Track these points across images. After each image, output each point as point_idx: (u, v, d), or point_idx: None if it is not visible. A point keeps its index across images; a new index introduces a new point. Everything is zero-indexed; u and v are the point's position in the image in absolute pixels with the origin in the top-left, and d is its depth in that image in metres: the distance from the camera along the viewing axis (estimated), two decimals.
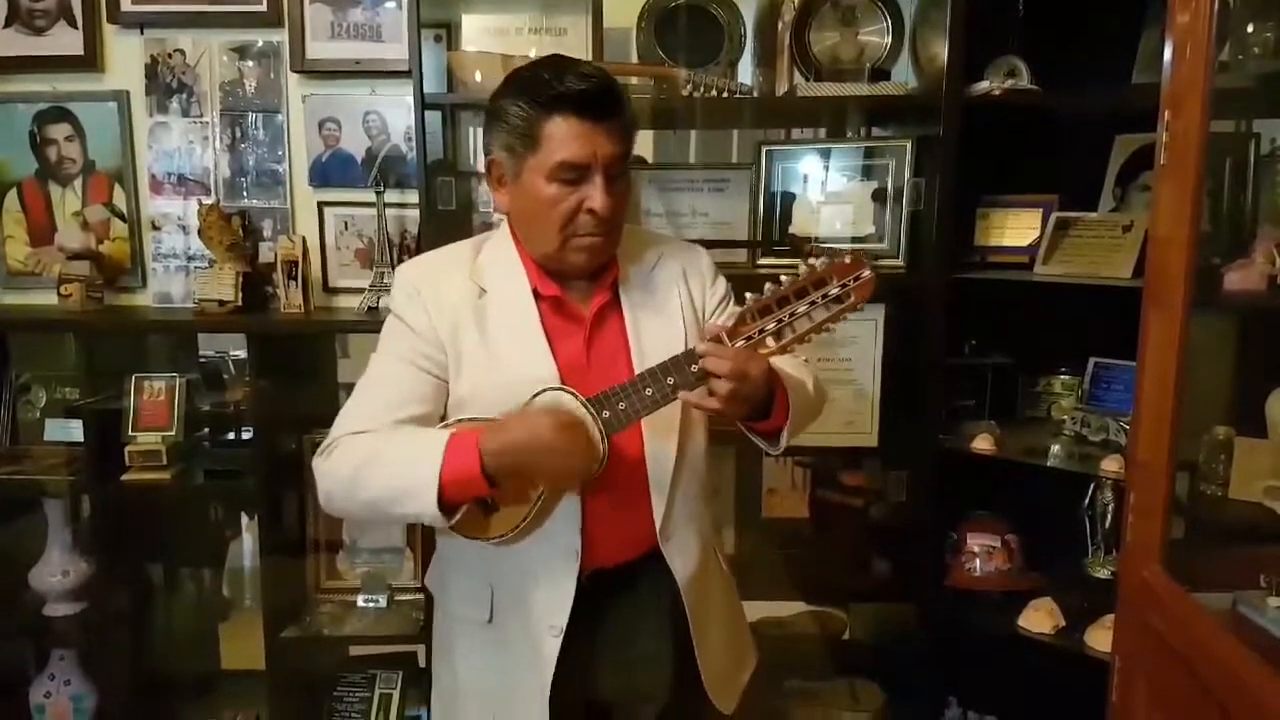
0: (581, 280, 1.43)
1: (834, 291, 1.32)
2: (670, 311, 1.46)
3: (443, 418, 1.39)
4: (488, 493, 1.29)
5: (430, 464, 1.26)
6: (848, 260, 1.34)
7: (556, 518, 1.37)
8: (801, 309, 1.32)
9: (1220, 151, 2.01)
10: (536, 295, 1.41)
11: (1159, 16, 1.76)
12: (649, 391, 1.32)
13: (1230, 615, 1.23)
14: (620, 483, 1.38)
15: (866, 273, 1.33)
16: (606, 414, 1.32)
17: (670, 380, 1.32)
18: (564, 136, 1.30)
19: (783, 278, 1.33)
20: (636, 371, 1.35)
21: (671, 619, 1.45)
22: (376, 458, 1.31)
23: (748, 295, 1.34)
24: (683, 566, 1.44)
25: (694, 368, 1.31)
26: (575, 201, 1.33)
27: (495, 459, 1.26)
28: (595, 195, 1.32)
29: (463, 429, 1.32)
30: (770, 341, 1.32)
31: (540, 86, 1.31)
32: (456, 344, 1.39)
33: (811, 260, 1.33)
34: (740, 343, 1.31)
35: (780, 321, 1.32)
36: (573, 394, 1.32)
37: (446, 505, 1.27)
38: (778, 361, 1.39)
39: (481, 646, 1.45)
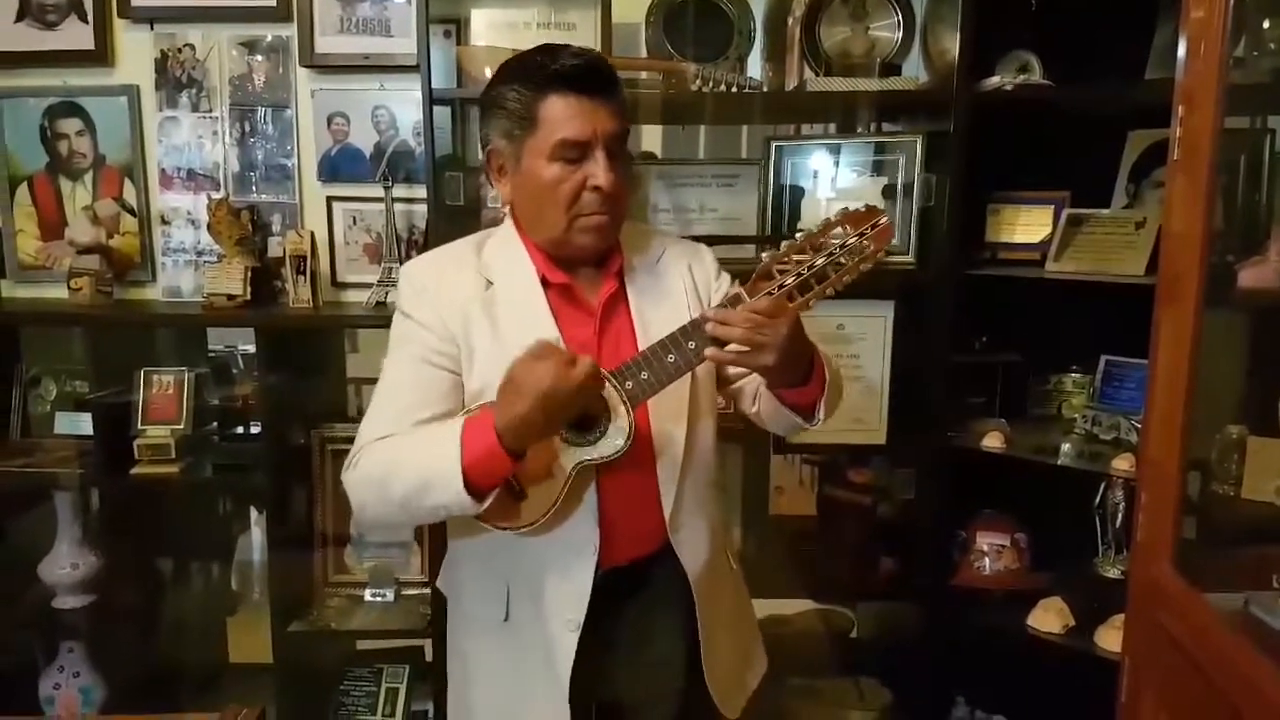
0: (589, 267, 1.42)
1: (851, 241, 1.28)
2: (675, 299, 1.45)
3: None
4: (513, 467, 1.26)
5: (450, 450, 1.24)
6: (863, 209, 1.31)
7: (575, 509, 1.35)
8: (820, 261, 1.28)
9: (1234, 148, 1.99)
10: (545, 284, 1.40)
11: (1173, 11, 1.74)
12: (671, 358, 1.30)
13: (1242, 616, 1.22)
14: (630, 471, 1.36)
15: (884, 220, 1.30)
16: (630, 384, 1.29)
17: (692, 345, 1.29)
18: (562, 115, 1.30)
19: (798, 234, 1.31)
20: None
21: (684, 618, 1.44)
22: (399, 457, 1.30)
23: (763, 255, 1.30)
24: (693, 559, 1.43)
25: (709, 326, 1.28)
26: (579, 180, 1.32)
27: (512, 430, 1.23)
28: (598, 172, 1.31)
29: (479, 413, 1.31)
30: (794, 294, 1.29)
31: (534, 68, 1.32)
32: (468, 338, 1.37)
33: (827, 216, 1.30)
34: (761, 299, 1.28)
35: (799, 275, 1.29)
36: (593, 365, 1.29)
37: (475, 489, 1.25)
38: None
39: (498, 648, 1.43)
